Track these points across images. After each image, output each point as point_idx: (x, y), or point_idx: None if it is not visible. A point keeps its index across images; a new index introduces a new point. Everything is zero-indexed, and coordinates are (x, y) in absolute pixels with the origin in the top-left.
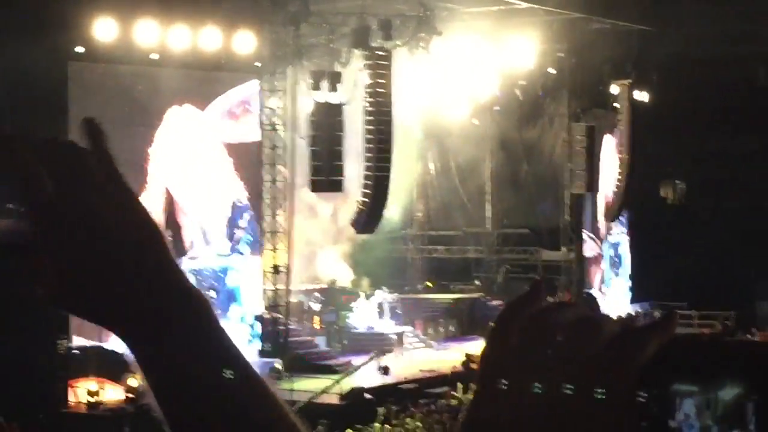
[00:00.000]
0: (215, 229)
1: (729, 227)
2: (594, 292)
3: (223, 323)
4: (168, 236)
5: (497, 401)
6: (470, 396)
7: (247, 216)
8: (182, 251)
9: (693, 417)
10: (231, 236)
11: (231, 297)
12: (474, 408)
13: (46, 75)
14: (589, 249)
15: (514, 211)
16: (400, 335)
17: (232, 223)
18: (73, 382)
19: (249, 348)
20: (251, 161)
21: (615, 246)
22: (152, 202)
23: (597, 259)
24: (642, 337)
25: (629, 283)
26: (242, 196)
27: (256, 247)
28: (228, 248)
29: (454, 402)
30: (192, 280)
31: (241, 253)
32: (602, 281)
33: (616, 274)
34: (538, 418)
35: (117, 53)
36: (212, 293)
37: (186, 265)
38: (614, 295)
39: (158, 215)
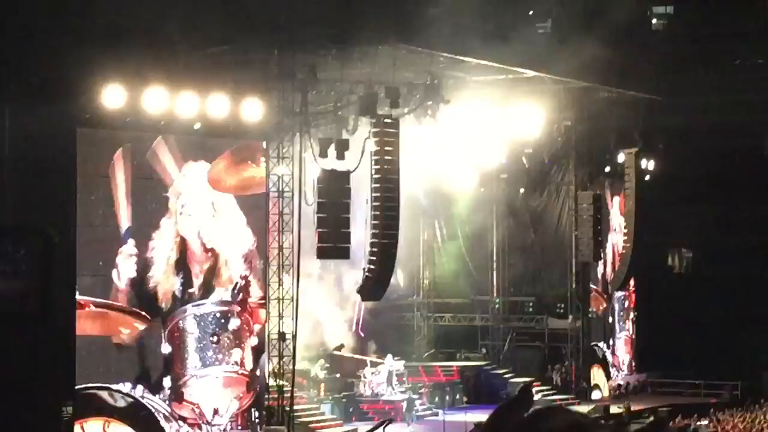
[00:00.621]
0: (224, 276)
1: (736, 296)
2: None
3: (225, 367)
4: (179, 279)
5: None
6: None
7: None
8: (191, 296)
9: None
10: (235, 286)
11: (233, 342)
12: None
13: (55, 141)
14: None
15: (521, 279)
16: (407, 402)
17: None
18: (81, 421)
19: (248, 395)
20: (254, 214)
21: (621, 302)
22: (164, 248)
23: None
24: None
25: (633, 337)
26: (251, 246)
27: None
28: (229, 295)
29: None
30: (199, 322)
31: (242, 302)
32: (610, 337)
33: (621, 329)
34: None
35: (125, 120)
36: (214, 338)
37: (192, 309)
38: (621, 351)
39: (170, 260)
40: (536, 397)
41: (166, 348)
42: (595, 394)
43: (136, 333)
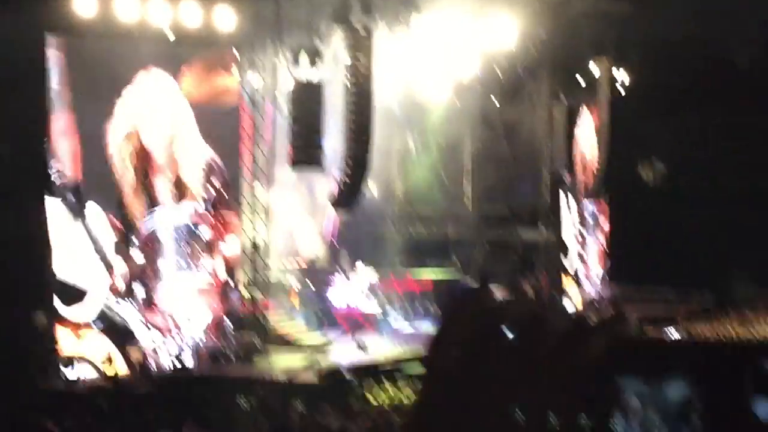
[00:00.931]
0: (190, 186)
1: (709, 208)
2: (573, 257)
3: (197, 276)
4: (144, 191)
5: (442, 398)
6: None
7: (219, 176)
8: (161, 206)
9: (639, 415)
10: (206, 195)
11: (205, 251)
12: (419, 409)
13: (24, 50)
14: (570, 225)
15: (494, 191)
16: (382, 312)
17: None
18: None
19: (221, 304)
20: (225, 125)
21: (593, 214)
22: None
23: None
24: (591, 335)
25: (605, 248)
26: (215, 157)
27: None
28: (202, 206)
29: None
30: (171, 231)
31: (212, 211)
32: (583, 247)
33: (594, 241)
34: (483, 412)
35: (96, 28)
36: (185, 246)
37: (160, 218)
38: (593, 262)
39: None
40: None
41: (138, 257)
42: (566, 305)
43: None
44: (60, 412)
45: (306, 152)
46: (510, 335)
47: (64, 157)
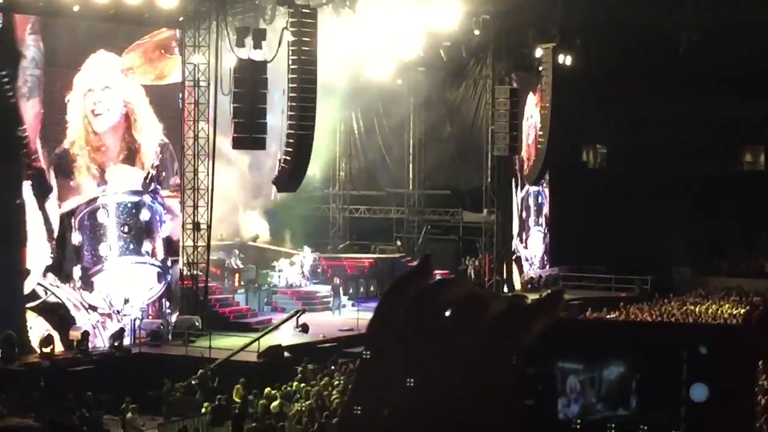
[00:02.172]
0: (140, 165)
1: (648, 193)
2: (515, 239)
3: (136, 257)
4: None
5: (379, 378)
6: None
7: (161, 156)
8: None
9: (577, 395)
10: (147, 176)
11: (144, 232)
12: (356, 386)
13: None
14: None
15: (437, 172)
16: (333, 290)
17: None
18: None
19: (159, 285)
20: (169, 104)
21: (535, 195)
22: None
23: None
24: (528, 315)
25: (545, 231)
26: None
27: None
28: (140, 185)
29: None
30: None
31: (154, 192)
32: (524, 229)
33: (536, 223)
34: (420, 395)
35: (40, 5)
36: (125, 228)
37: (102, 199)
38: (534, 245)
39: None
40: None
41: (76, 238)
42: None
43: None
44: None
45: (249, 131)
46: (446, 314)
47: (34, 141)
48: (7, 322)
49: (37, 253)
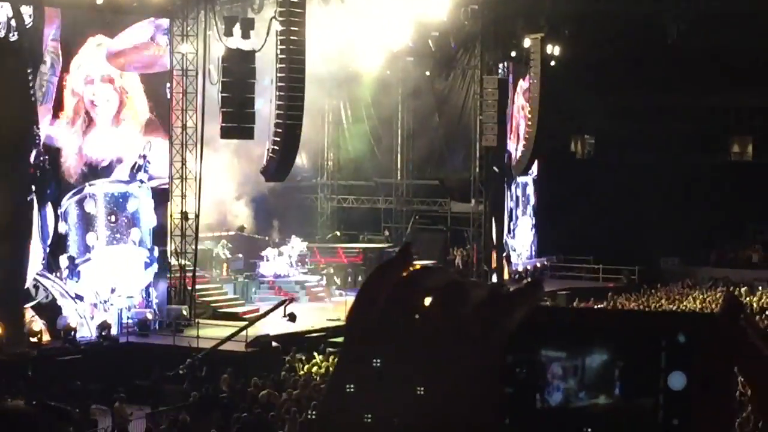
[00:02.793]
0: (126, 155)
1: (636, 183)
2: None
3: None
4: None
5: (359, 367)
6: None
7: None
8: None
9: (560, 383)
10: (134, 165)
11: (131, 222)
12: (336, 374)
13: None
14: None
15: (425, 162)
16: (326, 279)
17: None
18: None
19: (146, 272)
20: (158, 92)
21: (523, 186)
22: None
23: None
24: (509, 303)
25: (533, 222)
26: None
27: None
28: (127, 174)
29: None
30: (99, 201)
31: (141, 181)
32: (511, 220)
33: (524, 213)
34: (399, 383)
35: None
36: (112, 217)
37: (88, 189)
38: (522, 236)
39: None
40: None
41: (62, 227)
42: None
43: None
44: None
45: (237, 121)
46: (426, 302)
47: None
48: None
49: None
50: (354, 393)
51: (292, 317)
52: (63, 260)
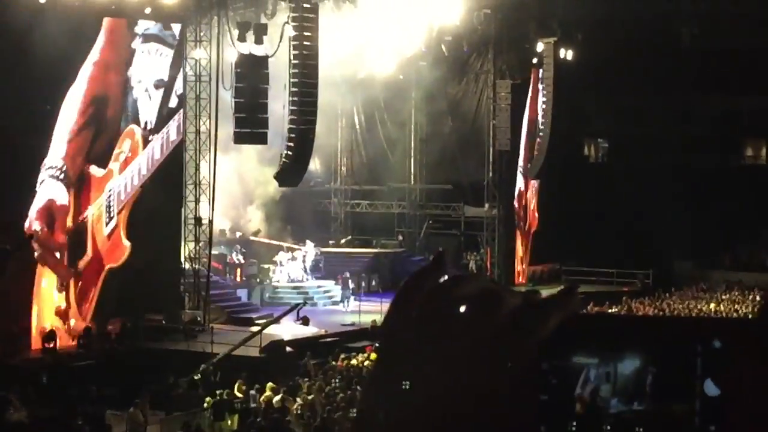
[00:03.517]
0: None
1: (650, 186)
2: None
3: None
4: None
5: (396, 374)
6: None
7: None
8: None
9: (593, 391)
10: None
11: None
12: (372, 379)
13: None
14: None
15: (438, 167)
16: (342, 282)
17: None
18: None
19: None
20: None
21: (536, 188)
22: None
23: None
24: (543, 311)
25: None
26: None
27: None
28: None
29: (373, 356)
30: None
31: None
32: (525, 222)
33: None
34: (435, 390)
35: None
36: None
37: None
38: (535, 236)
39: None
40: None
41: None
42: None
43: None
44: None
45: (250, 126)
46: (461, 310)
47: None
48: None
49: None
50: (376, 403)
51: (305, 321)
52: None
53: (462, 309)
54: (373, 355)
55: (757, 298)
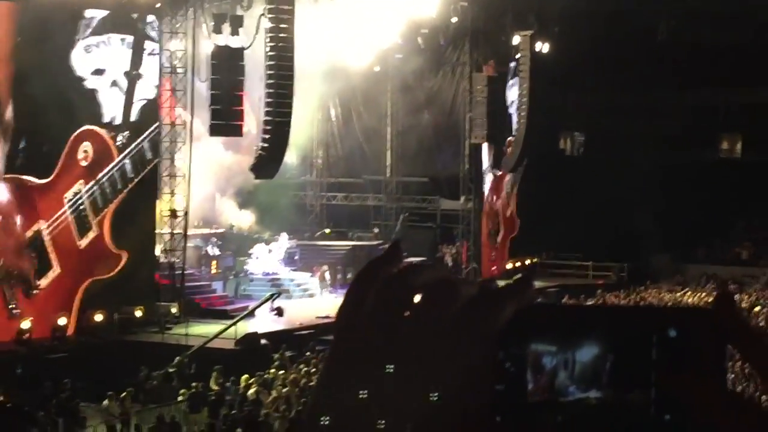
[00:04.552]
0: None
1: (626, 180)
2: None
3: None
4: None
5: (349, 364)
6: None
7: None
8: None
9: (550, 379)
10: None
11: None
12: (325, 371)
13: None
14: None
15: (414, 160)
16: (321, 273)
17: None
18: None
19: None
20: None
21: (510, 182)
22: None
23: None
24: (499, 299)
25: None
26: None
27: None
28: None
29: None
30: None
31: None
32: (501, 215)
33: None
34: (390, 380)
35: None
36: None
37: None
38: (510, 229)
39: None
40: None
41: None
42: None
43: None
44: None
45: (225, 118)
46: (416, 298)
47: None
48: None
49: None
50: (343, 385)
51: (279, 311)
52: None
53: (417, 299)
54: None
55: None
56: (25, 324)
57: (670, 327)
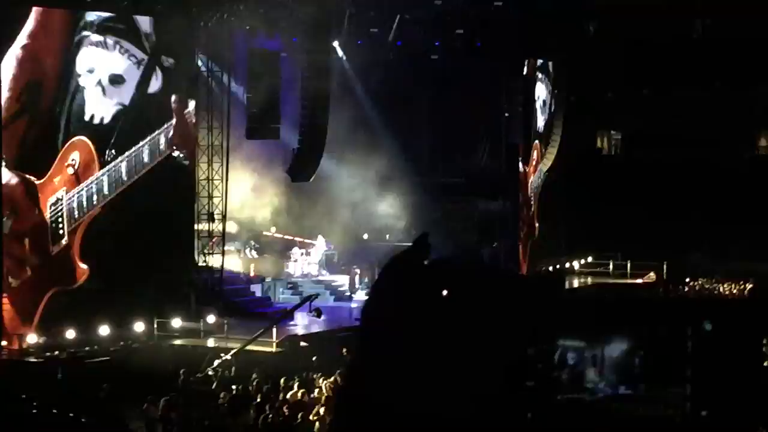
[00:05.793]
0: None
1: (664, 178)
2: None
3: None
4: None
5: (377, 355)
6: None
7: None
8: None
9: (580, 372)
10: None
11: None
12: (353, 362)
13: None
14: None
15: (453, 160)
16: (350, 277)
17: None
18: None
19: None
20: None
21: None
22: None
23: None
24: (528, 294)
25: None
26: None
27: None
28: None
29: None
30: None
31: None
32: (537, 214)
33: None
34: (418, 370)
35: None
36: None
37: None
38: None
39: None
40: None
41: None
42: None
43: None
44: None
45: (262, 122)
46: (444, 293)
47: None
48: None
49: None
50: (374, 378)
51: (318, 313)
52: None
53: (444, 292)
54: None
55: None
56: (70, 332)
57: (706, 320)
